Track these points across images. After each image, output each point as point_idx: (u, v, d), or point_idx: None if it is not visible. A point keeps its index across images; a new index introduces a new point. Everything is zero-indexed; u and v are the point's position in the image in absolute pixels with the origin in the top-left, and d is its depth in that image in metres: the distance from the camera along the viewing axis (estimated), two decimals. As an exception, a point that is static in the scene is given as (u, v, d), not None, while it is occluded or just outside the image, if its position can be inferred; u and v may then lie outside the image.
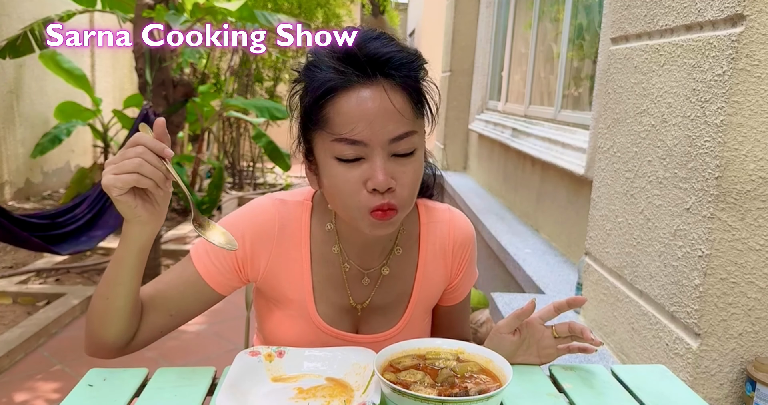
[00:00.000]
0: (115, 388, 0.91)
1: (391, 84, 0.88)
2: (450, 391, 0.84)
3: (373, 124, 0.86)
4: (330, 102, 0.88)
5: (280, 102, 7.87)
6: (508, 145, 3.95)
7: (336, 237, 1.03)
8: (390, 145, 0.88)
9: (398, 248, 1.06)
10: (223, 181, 6.05)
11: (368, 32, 0.91)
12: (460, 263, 1.11)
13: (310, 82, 0.91)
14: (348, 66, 0.88)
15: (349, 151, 0.88)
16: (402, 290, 1.07)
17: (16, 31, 3.97)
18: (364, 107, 0.86)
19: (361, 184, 0.88)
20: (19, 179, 5.78)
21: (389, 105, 0.87)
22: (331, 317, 1.04)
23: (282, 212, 1.02)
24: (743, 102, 1.29)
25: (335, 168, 0.89)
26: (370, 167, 0.88)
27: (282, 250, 1.01)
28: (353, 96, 0.87)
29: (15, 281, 3.78)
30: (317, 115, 0.90)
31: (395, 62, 0.88)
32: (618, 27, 1.89)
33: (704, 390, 1.41)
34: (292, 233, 1.02)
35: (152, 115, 3.60)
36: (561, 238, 3.06)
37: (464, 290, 1.16)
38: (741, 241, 1.35)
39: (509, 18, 4.75)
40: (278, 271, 1.02)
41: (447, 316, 1.18)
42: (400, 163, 0.89)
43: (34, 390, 2.62)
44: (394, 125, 0.87)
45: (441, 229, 1.09)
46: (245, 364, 0.92)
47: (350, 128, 0.87)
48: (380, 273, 1.06)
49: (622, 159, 1.83)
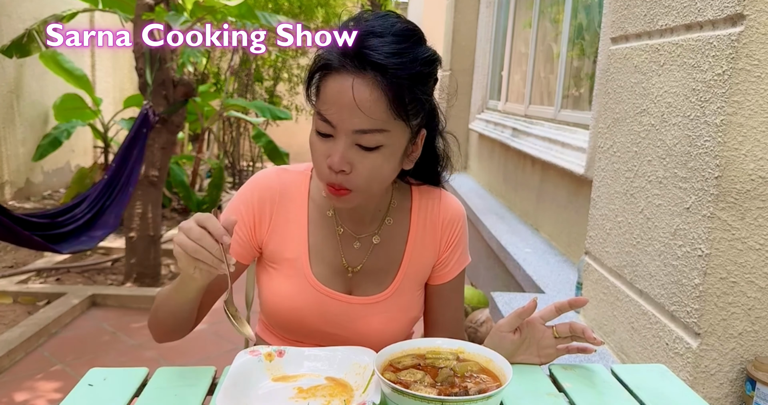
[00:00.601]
0: (115, 388, 0.91)
1: (376, 81, 0.91)
2: (450, 390, 0.84)
3: (341, 112, 0.93)
4: (322, 78, 0.96)
5: (280, 102, 7.89)
6: (508, 144, 3.95)
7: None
8: (354, 134, 0.94)
9: (389, 219, 1.14)
10: (223, 180, 6.05)
11: (389, 26, 0.95)
12: (449, 239, 1.16)
13: (319, 52, 0.99)
14: (348, 52, 0.93)
15: (322, 127, 0.96)
16: (392, 258, 1.14)
17: (17, 31, 3.97)
18: (340, 94, 0.92)
19: (325, 158, 0.97)
20: (19, 179, 5.78)
21: (369, 101, 0.91)
22: (325, 277, 1.11)
23: (283, 178, 1.12)
24: (743, 101, 1.29)
25: (313, 135, 0.99)
26: (333, 147, 0.96)
27: (283, 211, 1.11)
28: (338, 80, 0.93)
29: (15, 281, 3.78)
30: (311, 84, 0.99)
31: (384, 65, 0.91)
32: (618, 27, 1.89)
33: (704, 389, 1.41)
34: (292, 197, 1.11)
35: (152, 115, 3.59)
36: (561, 237, 3.06)
37: (453, 269, 1.18)
38: (741, 241, 1.35)
39: (509, 18, 4.75)
40: (279, 231, 1.11)
41: (438, 298, 1.20)
42: (361, 154, 0.96)
43: (35, 390, 2.62)
44: (359, 119, 0.93)
45: (433, 205, 1.16)
46: (245, 364, 0.93)
47: (326, 107, 0.95)
48: (371, 241, 1.13)
49: (622, 158, 1.83)
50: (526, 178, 3.69)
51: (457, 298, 1.22)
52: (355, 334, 1.10)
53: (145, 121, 3.58)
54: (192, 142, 6.96)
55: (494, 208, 4.06)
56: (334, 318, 1.10)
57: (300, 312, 1.09)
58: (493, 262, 3.44)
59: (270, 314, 1.14)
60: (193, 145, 6.90)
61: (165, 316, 1.05)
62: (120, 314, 3.49)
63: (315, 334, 1.11)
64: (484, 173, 4.96)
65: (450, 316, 1.22)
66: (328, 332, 1.11)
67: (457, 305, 1.22)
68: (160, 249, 3.95)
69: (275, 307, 1.11)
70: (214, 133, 7.19)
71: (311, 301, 1.09)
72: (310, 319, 1.10)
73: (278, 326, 1.14)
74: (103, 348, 3.06)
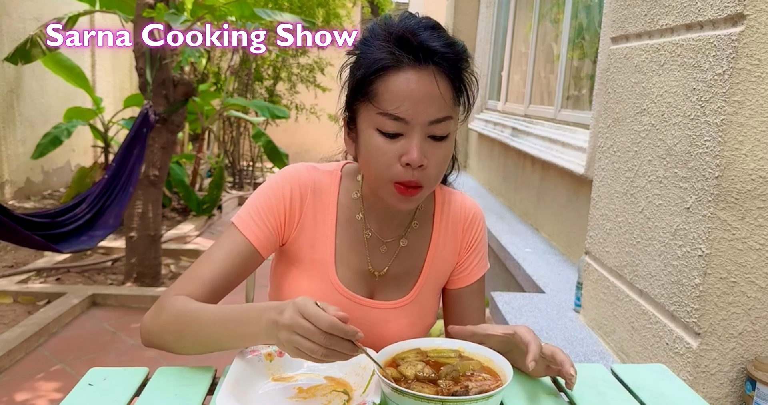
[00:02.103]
0: (115, 388, 0.91)
1: (438, 70, 0.96)
2: (451, 388, 0.84)
3: (417, 105, 0.94)
4: (381, 78, 0.95)
5: (280, 101, 7.88)
6: (508, 144, 3.95)
7: (361, 205, 1.11)
8: (428, 126, 0.96)
9: (416, 222, 1.14)
10: (224, 180, 6.05)
11: (424, 20, 0.99)
12: (470, 241, 1.17)
13: (364, 57, 0.98)
14: (401, 49, 0.95)
15: (391, 126, 0.96)
16: (415, 263, 1.13)
17: (17, 31, 3.98)
18: (411, 88, 0.94)
19: (396, 158, 0.96)
20: (19, 178, 5.78)
21: (435, 89, 0.95)
22: (349, 280, 1.09)
23: (314, 176, 1.10)
24: (743, 101, 1.29)
25: (376, 139, 0.97)
26: (408, 143, 0.96)
27: (312, 211, 1.09)
28: (403, 76, 0.94)
29: (15, 280, 3.78)
30: (367, 89, 0.97)
31: (443, 53, 0.96)
32: (618, 26, 1.89)
33: (704, 389, 1.41)
34: (321, 197, 1.09)
35: (152, 114, 3.59)
36: (561, 237, 3.06)
37: (473, 273, 1.18)
38: (741, 241, 1.35)
39: (509, 18, 4.75)
40: (307, 230, 1.09)
41: (459, 302, 1.19)
42: (433, 145, 0.97)
43: (35, 389, 2.62)
44: (435, 108, 0.95)
45: (454, 208, 1.16)
46: (245, 364, 0.93)
47: (396, 105, 0.94)
48: (398, 244, 1.13)
49: (622, 158, 1.83)
50: (526, 178, 3.69)
51: (479, 304, 1.20)
52: (373, 339, 1.08)
53: (146, 120, 3.58)
54: (192, 142, 6.96)
55: (494, 208, 4.06)
56: (354, 322, 1.06)
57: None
58: (493, 262, 3.44)
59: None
60: (193, 145, 6.90)
61: (193, 339, 0.96)
62: (120, 314, 3.49)
63: None
64: (484, 173, 4.96)
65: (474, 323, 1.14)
66: None
67: (479, 312, 1.21)
68: (160, 249, 3.95)
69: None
70: (214, 133, 7.18)
71: (332, 304, 1.06)
72: None
73: None
74: (104, 348, 3.05)
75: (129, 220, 3.75)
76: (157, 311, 0.99)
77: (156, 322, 0.99)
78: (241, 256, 1.03)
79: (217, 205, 5.83)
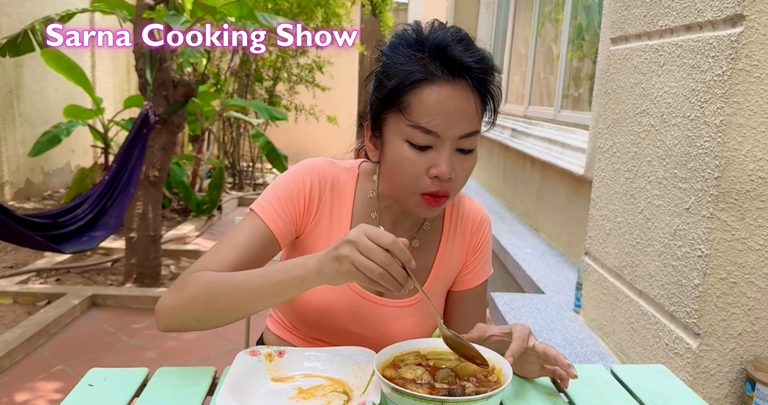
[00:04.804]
0: (115, 388, 0.91)
1: (470, 85, 0.97)
2: (451, 387, 0.84)
3: (449, 120, 0.96)
4: (413, 91, 0.96)
5: (279, 102, 7.88)
6: (507, 144, 3.95)
7: (376, 205, 1.12)
8: (458, 140, 0.98)
9: (427, 224, 1.16)
10: (224, 181, 6.05)
11: (455, 32, 0.99)
12: (476, 244, 1.18)
13: (395, 66, 0.98)
14: (435, 62, 0.96)
15: (422, 139, 0.97)
16: (424, 263, 1.14)
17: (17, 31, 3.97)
18: (444, 103, 0.95)
19: (425, 170, 0.98)
20: (19, 179, 5.78)
21: (467, 105, 0.96)
22: None
23: (333, 171, 1.11)
24: (743, 102, 1.30)
25: (405, 150, 0.98)
26: (438, 156, 0.97)
27: (329, 205, 1.10)
28: (436, 90, 0.95)
29: (15, 281, 3.77)
30: (398, 99, 0.97)
31: (476, 69, 0.97)
32: (618, 27, 1.89)
33: (704, 390, 1.41)
34: (339, 193, 1.11)
35: (152, 115, 3.59)
36: (561, 237, 3.06)
37: (477, 276, 1.19)
38: (740, 241, 1.35)
39: (509, 18, 4.75)
40: (323, 224, 1.09)
41: (460, 305, 1.20)
42: (461, 158, 0.99)
43: (35, 390, 2.62)
44: (466, 123, 0.97)
45: (463, 211, 1.18)
46: (245, 364, 0.93)
47: (428, 119, 0.95)
48: (410, 245, 1.11)
49: (621, 159, 1.83)
50: (526, 179, 3.69)
51: (480, 308, 1.22)
52: (380, 336, 1.09)
53: (146, 121, 3.58)
54: (192, 143, 6.95)
55: (494, 208, 4.06)
56: (364, 318, 1.10)
57: (330, 310, 1.09)
58: (493, 263, 3.43)
59: (296, 309, 1.12)
60: (193, 146, 6.90)
61: (227, 302, 0.93)
62: (120, 314, 3.49)
63: (340, 332, 1.10)
64: (484, 173, 4.96)
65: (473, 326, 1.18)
66: (354, 332, 1.10)
67: (480, 316, 1.22)
68: (160, 249, 3.95)
69: (303, 302, 1.09)
70: (214, 134, 7.18)
71: (344, 301, 1.09)
72: (339, 318, 1.09)
73: (302, 322, 1.13)
74: (104, 348, 3.05)
75: (129, 221, 3.75)
76: (178, 289, 0.97)
77: (180, 296, 0.96)
78: (261, 242, 1.03)
79: (216, 205, 5.83)
